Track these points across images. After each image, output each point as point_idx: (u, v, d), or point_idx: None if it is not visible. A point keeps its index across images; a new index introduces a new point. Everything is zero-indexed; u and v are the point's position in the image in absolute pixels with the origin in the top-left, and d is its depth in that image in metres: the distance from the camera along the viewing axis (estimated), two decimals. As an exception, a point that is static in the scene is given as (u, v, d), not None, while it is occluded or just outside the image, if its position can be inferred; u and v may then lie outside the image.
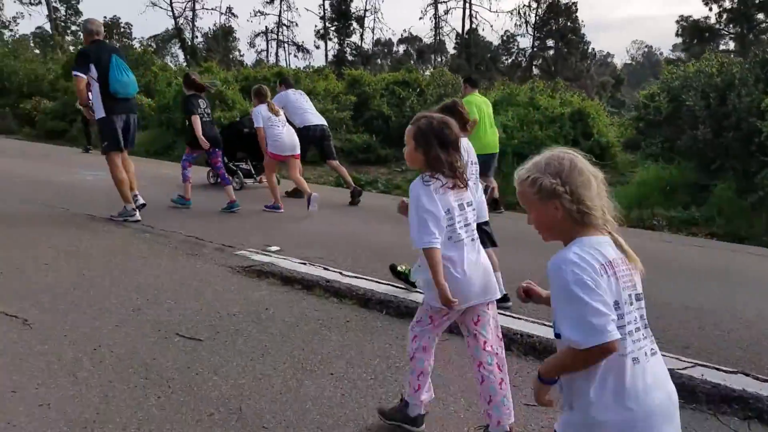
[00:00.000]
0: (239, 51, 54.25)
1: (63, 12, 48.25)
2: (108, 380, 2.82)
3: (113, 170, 6.15)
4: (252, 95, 7.49)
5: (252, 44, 52.72)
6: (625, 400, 1.48)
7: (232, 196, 7.07)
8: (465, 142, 3.53)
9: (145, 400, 2.66)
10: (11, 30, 44.49)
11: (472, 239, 2.39)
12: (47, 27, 43.98)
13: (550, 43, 45.99)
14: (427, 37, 50.75)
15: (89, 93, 6.15)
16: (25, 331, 3.34)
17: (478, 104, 7.12)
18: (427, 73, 23.04)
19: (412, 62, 44.10)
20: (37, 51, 34.15)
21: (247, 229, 6.13)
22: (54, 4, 45.22)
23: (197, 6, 47.67)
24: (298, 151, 7.21)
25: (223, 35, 50.14)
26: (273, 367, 3.05)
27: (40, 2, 44.16)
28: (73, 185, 6.72)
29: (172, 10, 46.42)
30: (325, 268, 4.66)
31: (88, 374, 2.87)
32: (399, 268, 4.28)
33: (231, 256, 5.06)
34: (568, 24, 44.31)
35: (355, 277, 4.47)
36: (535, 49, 46.28)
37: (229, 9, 50.68)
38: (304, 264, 4.78)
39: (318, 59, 52.89)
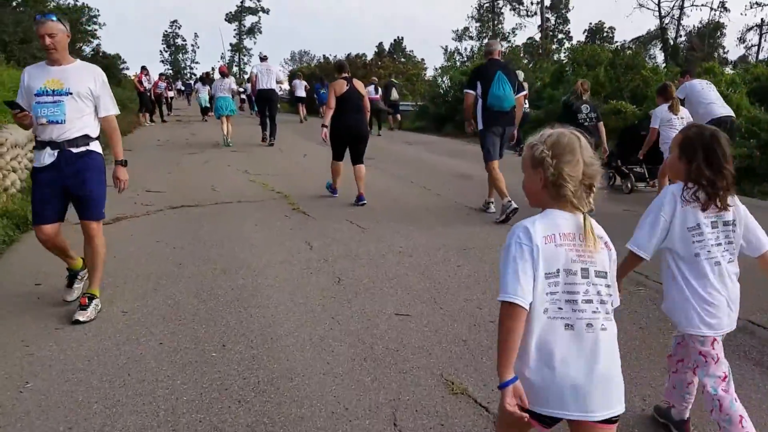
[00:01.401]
0: (723, 48, 48.63)
1: (552, 21, 52.08)
2: None
3: (490, 176, 6.79)
4: (656, 92, 7.19)
5: (742, 39, 46.70)
6: (544, 359, 1.58)
7: None
8: None
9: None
10: (509, 41, 50.10)
11: (729, 261, 2.25)
12: (536, 37, 48.23)
13: None
14: None
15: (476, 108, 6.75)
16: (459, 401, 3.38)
17: None
18: None
19: None
20: (525, 60, 37.42)
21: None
22: (546, 15, 49.16)
23: (686, 3, 44.59)
24: None
25: (710, 32, 45.58)
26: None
27: (535, 13, 48.73)
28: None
29: (659, 10, 44.60)
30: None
31: None
32: None
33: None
34: None
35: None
36: None
37: (722, 3, 45.63)
38: None
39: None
